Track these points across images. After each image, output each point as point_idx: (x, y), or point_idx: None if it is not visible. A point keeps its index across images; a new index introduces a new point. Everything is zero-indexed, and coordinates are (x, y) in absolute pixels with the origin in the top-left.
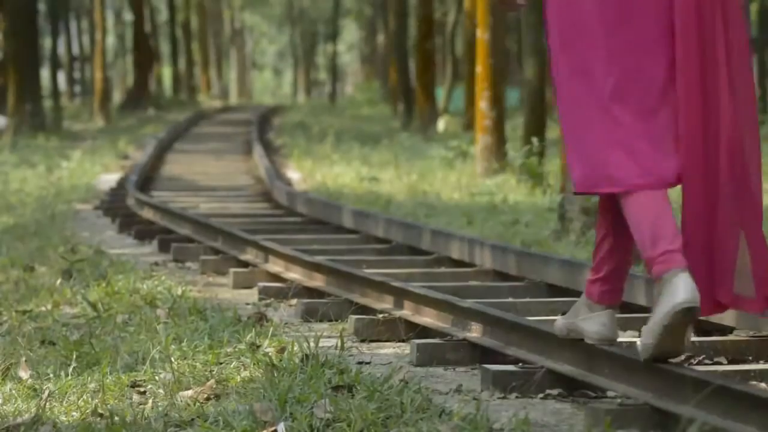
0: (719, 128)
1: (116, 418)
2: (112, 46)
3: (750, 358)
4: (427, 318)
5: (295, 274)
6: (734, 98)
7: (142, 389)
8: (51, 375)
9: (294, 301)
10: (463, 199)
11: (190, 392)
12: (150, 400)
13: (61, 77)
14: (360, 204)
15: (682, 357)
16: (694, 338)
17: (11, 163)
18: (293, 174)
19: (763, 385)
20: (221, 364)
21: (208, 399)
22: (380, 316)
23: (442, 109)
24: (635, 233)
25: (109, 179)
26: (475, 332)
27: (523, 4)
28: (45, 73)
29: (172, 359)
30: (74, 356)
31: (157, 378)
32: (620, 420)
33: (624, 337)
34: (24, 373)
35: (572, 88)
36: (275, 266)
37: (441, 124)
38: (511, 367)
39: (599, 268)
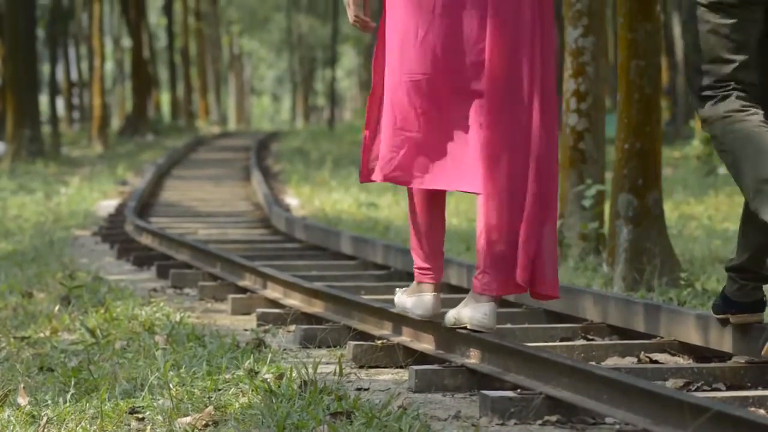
0: (529, 140)
1: None
2: (111, 72)
3: (748, 384)
4: (426, 344)
5: (293, 300)
6: (543, 108)
7: (140, 416)
8: (49, 401)
9: (292, 327)
10: (461, 224)
11: (188, 419)
12: (148, 427)
13: (60, 103)
14: (358, 230)
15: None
16: (692, 364)
17: (9, 189)
18: (291, 200)
19: (761, 411)
20: (220, 390)
21: (206, 425)
22: (379, 342)
23: None
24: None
25: (107, 205)
26: (473, 358)
27: (374, 27)
28: (44, 99)
29: (171, 385)
30: (72, 383)
31: (155, 404)
32: None
33: (619, 363)
34: (22, 400)
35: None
36: (274, 292)
37: None
38: (509, 393)
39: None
